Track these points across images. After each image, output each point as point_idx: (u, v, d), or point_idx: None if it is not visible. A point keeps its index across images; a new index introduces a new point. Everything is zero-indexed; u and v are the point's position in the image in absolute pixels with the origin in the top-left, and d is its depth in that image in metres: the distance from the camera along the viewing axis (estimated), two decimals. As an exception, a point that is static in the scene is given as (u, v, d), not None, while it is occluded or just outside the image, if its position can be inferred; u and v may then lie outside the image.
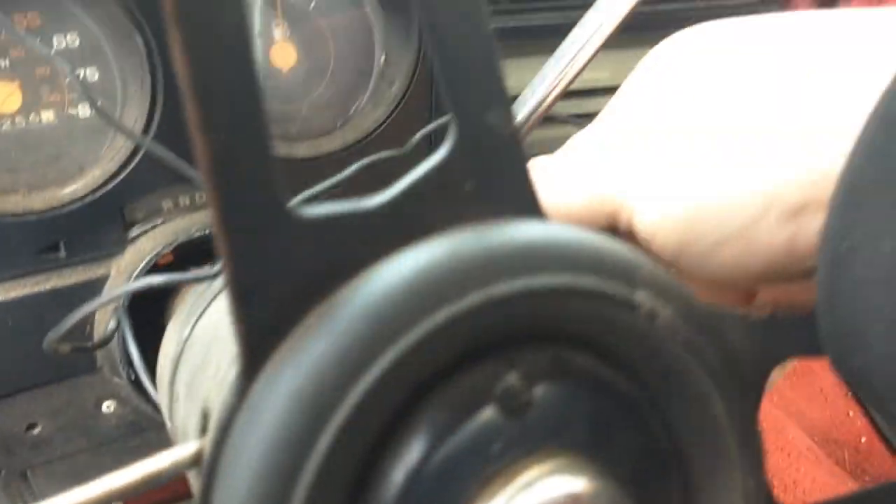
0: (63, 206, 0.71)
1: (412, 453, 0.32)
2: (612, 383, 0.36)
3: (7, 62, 0.69)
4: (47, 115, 0.72)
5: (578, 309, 0.35)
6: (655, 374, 0.36)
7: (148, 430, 0.82)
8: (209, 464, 0.33)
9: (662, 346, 0.36)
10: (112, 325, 0.68)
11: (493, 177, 0.36)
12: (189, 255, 0.75)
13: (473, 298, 0.33)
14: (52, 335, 0.61)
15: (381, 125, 0.80)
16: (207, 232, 0.75)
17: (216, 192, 0.30)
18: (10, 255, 0.71)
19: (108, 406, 0.79)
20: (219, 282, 0.57)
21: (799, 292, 0.43)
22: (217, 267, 0.57)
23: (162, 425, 0.83)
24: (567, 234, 0.35)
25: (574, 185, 0.41)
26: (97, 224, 0.73)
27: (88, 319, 0.72)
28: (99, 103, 0.70)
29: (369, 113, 0.81)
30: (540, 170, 0.41)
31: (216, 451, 0.32)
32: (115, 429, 0.80)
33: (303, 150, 0.79)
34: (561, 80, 0.65)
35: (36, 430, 0.76)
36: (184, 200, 0.78)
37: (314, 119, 0.81)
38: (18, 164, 0.72)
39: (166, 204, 0.77)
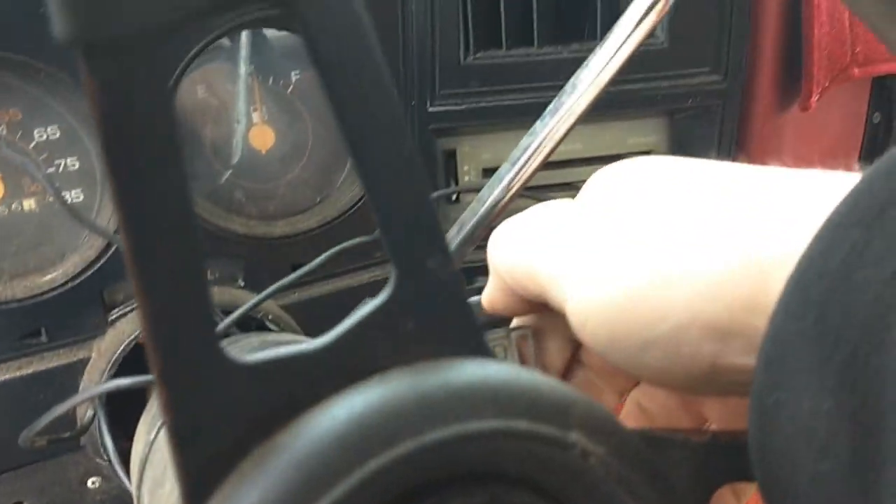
0: (44, 293, 0.73)
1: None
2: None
3: (-12, 156, 0.71)
4: (29, 204, 0.74)
5: (513, 450, 0.36)
6: (591, 510, 0.37)
7: (132, 506, 0.83)
8: None
9: (597, 484, 0.36)
10: (90, 413, 0.69)
11: (434, 318, 0.37)
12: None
13: (406, 446, 0.34)
14: (28, 432, 0.62)
15: (357, 203, 0.81)
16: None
17: (152, 342, 0.31)
18: (-7, 341, 0.72)
19: (93, 482, 0.80)
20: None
21: (738, 407, 0.43)
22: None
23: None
24: (501, 375, 0.36)
25: (514, 252, 0.41)
26: (78, 309, 0.75)
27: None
28: (76, 194, 0.71)
29: (346, 191, 0.83)
30: (498, 230, 0.42)
31: None
32: (103, 500, 0.81)
33: (280, 228, 0.80)
34: (538, 153, 0.66)
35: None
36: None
37: (292, 197, 0.82)
38: (1, 252, 0.73)
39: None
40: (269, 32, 0.80)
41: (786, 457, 0.29)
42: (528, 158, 0.66)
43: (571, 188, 0.90)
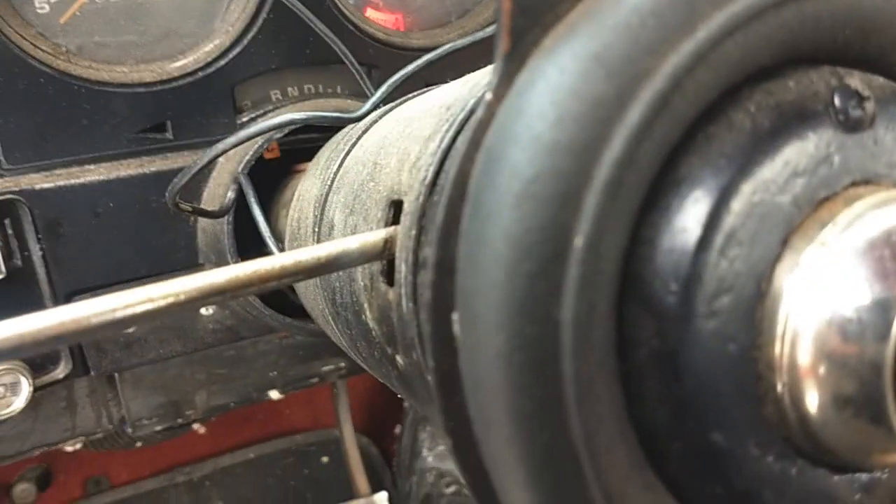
0: (172, 79, 0.67)
1: (727, 159, 0.26)
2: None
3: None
4: (158, -14, 0.68)
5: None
6: None
7: (245, 341, 0.76)
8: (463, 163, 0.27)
9: None
10: (231, 195, 0.63)
11: None
12: (295, 153, 0.70)
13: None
14: (177, 183, 0.56)
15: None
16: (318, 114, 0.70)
17: None
18: (115, 130, 0.66)
19: (206, 308, 0.73)
20: (362, 124, 0.51)
21: None
22: (362, 109, 0.52)
23: (259, 336, 0.77)
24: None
25: None
26: (206, 104, 0.68)
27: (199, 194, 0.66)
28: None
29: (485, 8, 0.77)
30: None
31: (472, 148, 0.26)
32: (211, 333, 0.74)
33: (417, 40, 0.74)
34: None
35: (129, 329, 0.71)
36: (292, 91, 0.73)
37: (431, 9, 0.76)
38: (128, 35, 0.67)
39: (274, 93, 0.73)
40: None
41: None
42: None
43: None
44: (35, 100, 0.63)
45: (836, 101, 0.27)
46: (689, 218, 0.26)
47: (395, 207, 0.38)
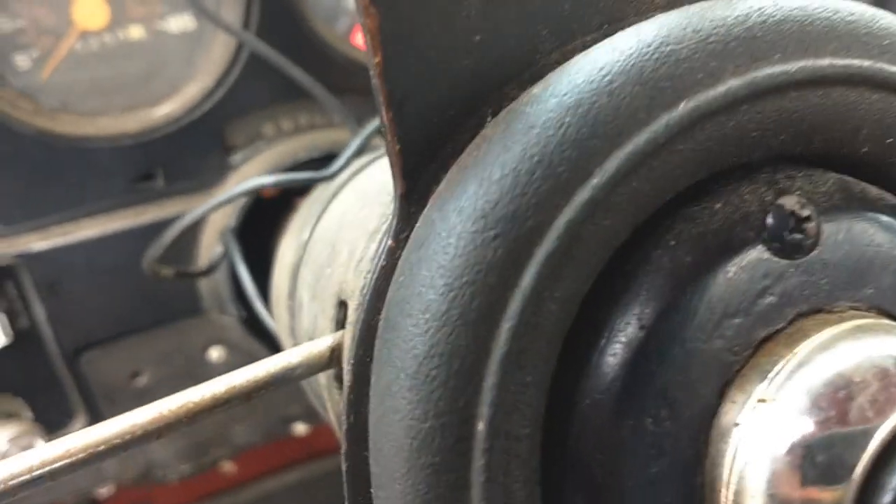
0: (158, 127, 0.65)
1: (644, 304, 0.22)
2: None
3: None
4: (136, 31, 0.65)
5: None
6: None
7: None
8: (364, 324, 0.24)
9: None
10: (218, 251, 0.61)
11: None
12: (293, 189, 0.67)
13: (731, 86, 0.23)
14: (152, 252, 0.54)
15: None
16: (315, 155, 0.67)
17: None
18: (104, 183, 0.65)
19: (215, 353, 0.72)
20: (337, 182, 0.48)
21: None
22: (333, 167, 0.49)
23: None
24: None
25: None
26: (196, 148, 0.67)
27: (191, 249, 0.65)
28: None
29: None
30: None
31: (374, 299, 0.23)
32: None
33: None
34: None
35: (140, 379, 0.70)
36: (286, 124, 0.71)
37: None
38: (109, 84, 0.65)
39: (267, 128, 0.70)
40: None
41: None
42: None
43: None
44: (21, 161, 0.62)
45: (770, 224, 0.23)
46: (608, 378, 0.22)
47: (343, 309, 0.35)
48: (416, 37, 0.23)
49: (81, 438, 0.30)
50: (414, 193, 0.24)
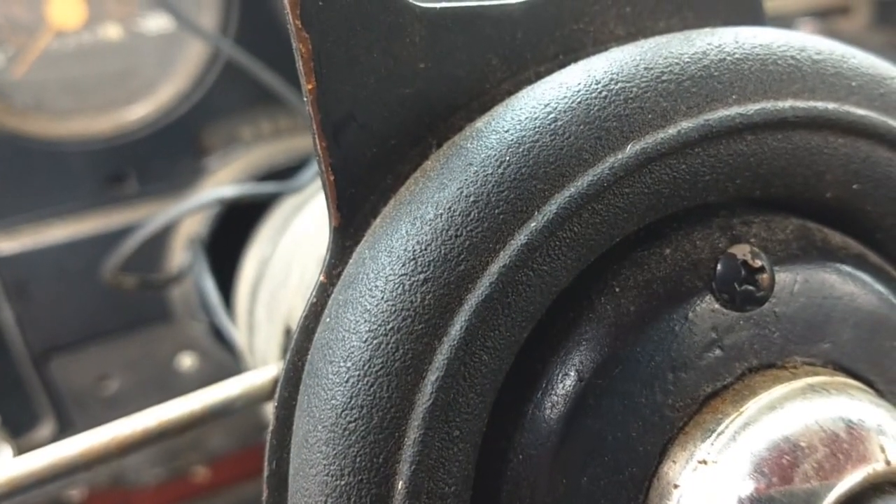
0: (132, 129, 0.63)
1: (584, 354, 0.21)
2: (880, 271, 0.24)
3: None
4: (114, 31, 0.64)
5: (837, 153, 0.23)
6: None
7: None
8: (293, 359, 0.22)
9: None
10: (185, 260, 0.59)
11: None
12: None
13: (683, 128, 0.22)
14: (113, 262, 0.53)
15: None
16: (293, 163, 0.66)
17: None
18: (76, 184, 0.63)
19: (185, 359, 0.71)
20: (303, 195, 0.47)
21: None
22: (299, 180, 0.47)
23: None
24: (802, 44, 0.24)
25: None
26: (170, 150, 0.65)
27: (161, 254, 0.64)
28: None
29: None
30: None
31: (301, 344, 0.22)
32: (193, 384, 0.72)
33: None
34: None
35: (110, 384, 0.69)
36: (266, 126, 0.69)
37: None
38: (83, 84, 0.64)
39: (245, 131, 0.69)
40: None
41: None
42: None
43: None
44: (-10, 161, 0.61)
45: (720, 273, 0.21)
46: (543, 432, 0.21)
47: (288, 337, 0.34)
48: (354, 63, 0.22)
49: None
50: (350, 227, 0.22)
